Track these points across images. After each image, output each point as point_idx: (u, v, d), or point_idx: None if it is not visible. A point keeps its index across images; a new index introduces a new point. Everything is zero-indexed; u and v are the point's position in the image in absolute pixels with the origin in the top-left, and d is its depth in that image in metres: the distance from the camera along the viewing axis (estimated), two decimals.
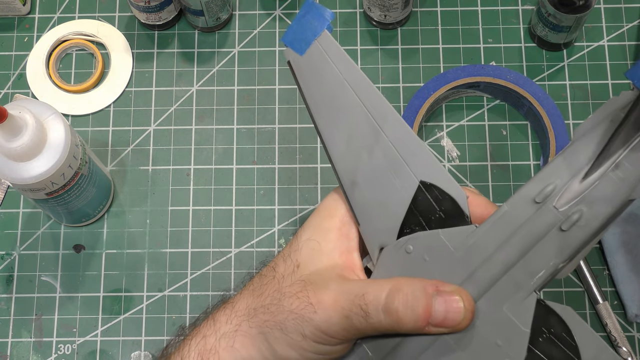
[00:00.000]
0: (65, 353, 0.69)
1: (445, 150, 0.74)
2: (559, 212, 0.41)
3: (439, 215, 0.44)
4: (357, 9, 0.79)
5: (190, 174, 0.74)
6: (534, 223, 0.41)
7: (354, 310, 0.42)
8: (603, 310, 0.68)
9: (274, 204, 0.73)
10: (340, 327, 0.42)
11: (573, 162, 0.41)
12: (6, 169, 0.59)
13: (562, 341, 0.40)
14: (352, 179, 0.46)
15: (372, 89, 0.46)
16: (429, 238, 0.44)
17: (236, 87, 0.77)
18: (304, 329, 0.43)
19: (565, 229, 0.40)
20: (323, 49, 0.46)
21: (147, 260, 0.72)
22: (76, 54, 0.78)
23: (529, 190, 0.42)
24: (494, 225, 0.42)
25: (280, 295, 0.44)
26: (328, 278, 0.44)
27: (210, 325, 0.46)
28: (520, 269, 0.41)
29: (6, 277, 0.71)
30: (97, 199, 0.70)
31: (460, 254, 0.43)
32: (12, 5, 0.77)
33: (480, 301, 0.42)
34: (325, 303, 0.42)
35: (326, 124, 0.47)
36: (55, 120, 0.61)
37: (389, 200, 0.45)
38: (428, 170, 0.44)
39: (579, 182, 0.40)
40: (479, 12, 0.78)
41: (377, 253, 0.46)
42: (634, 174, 0.40)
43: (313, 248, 0.46)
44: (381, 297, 0.41)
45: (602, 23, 0.77)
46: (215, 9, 0.75)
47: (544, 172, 0.42)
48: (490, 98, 0.75)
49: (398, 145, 0.45)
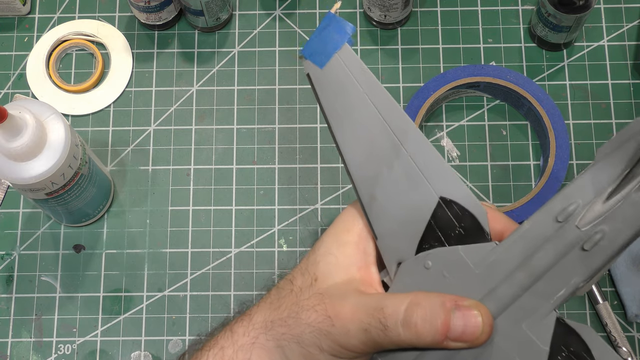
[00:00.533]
0: (65, 353, 0.69)
1: (445, 150, 0.74)
2: (581, 231, 0.41)
3: (459, 232, 0.44)
4: (357, 9, 0.79)
5: (190, 174, 0.74)
6: (555, 242, 0.41)
7: (372, 324, 0.42)
8: (603, 310, 0.68)
9: (274, 204, 0.73)
10: (358, 340, 0.42)
11: (597, 181, 0.41)
12: (6, 169, 0.59)
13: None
14: (371, 193, 0.46)
15: (393, 104, 0.45)
16: (448, 254, 0.44)
17: (236, 87, 0.77)
18: (321, 342, 0.43)
19: (587, 249, 0.40)
20: (344, 63, 0.46)
21: (147, 260, 0.72)
22: (76, 54, 0.78)
23: (551, 209, 0.42)
24: (515, 242, 0.42)
25: (298, 308, 0.44)
26: (346, 291, 0.44)
27: (228, 337, 0.46)
28: (540, 288, 0.41)
29: (6, 277, 0.71)
30: (97, 199, 0.70)
31: (480, 271, 0.43)
32: (12, 5, 0.77)
33: (499, 318, 0.42)
34: (343, 316, 0.43)
35: (345, 137, 0.47)
36: (55, 120, 0.61)
37: (408, 216, 0.45)
38: (448, 186, 0.44)
39: (602, 203, 0.40)
40: (479, 12, 0.78)
41: (395, 268, 0.46)
42: None
43: (330, 262, 0.46)
44: (400, 310, 0.41)
45: (602, 23, 0.77)
46: (215, 9, 0.75)
47: (566, 191, 0.42)
48: (490, 98, 0.75)
49: (418, 160, 0.45)
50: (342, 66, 0.46)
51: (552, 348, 0.40)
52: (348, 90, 0.46)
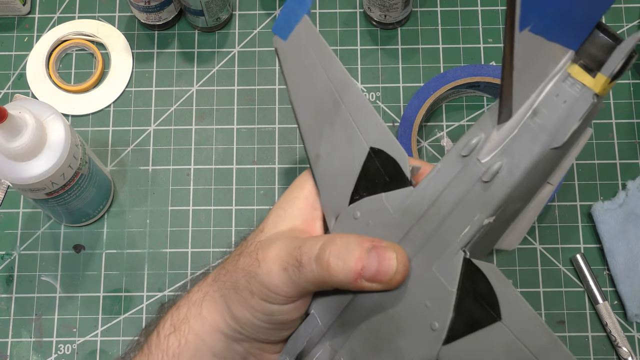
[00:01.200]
0: (65, 353, 0.69)
1: (445, 150, 0.74)
2: (482, 163, 0.39)
3: (384, 179, 0.43)
4: (357, 9, 0.79)
5: (190, 174, 0.74)
6: (460, 177, 0.40)
7: (290, 262, 0.42)
8: (603, 310, 0.68)
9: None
10: (279, 280, 0.42)
11: (496, 112, 0.40)
12: (6, 169, 0.59)
13: (485, 300, 0.39)
14: (316, 152, 0.47)
15: (337, 65, 0.46)
16: (373, 203, 0.43)
17: (236, 87, 0.77)
18: (251, 285, 0.43)
19: (487, 180, 0.39)
20: (302, 34, 0.47)
21: (147, 260, 0.72)
22: (76, 54, 0.78)
23: (458, 145, 0.41)
24: (427, 184, 0.41)
25: (239, 257, 0.45)
26: (281, 237, 0.44)
27: (184, 297, 0.47)
28: (448, 226, 0.40)
29: (6, 277, 0.71)
30: (97, 199, 0.70)
31: (398, 216, 0.42)
32: (12, 5, 0.77)
33: (412, 261, 0.41)
34: (268, 257, 0.43)
35: (300, 106, 0.48)
36: (55, 120, 0.61)
37: (345, 170, 0.45)
38: (377, 135, 0.44)
39: (496, 131, 0.39)
40: (479, 12, 0.78)
41: (334, 222, 0.46)
42: (551, 119, 0.38)
43: (278, 215, 0.46)
44: (315, 248, 0.41)
45: None
46: (215, 9, 0.75)
47: (472, 127, 0.41)
48: (490, 98, 0.75)
49: (355, 115, 0.45)
50: (301, 37, 0.47)
51: (461, 290, 0.40)
52: (303, 58, 0.47)
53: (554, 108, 0.38)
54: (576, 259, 0.69)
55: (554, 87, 0.38)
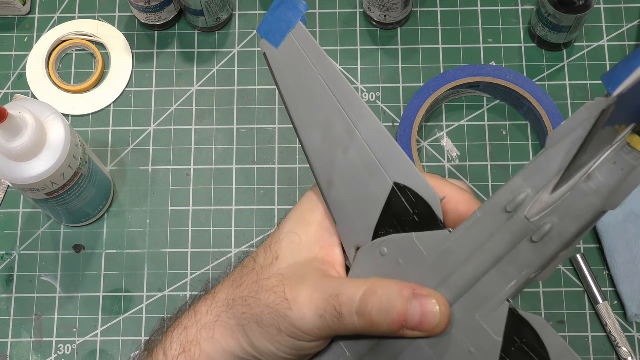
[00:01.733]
0: (65, 353, 0.69)
1: (445, 150, 0.74)
2: (530, 222, 0.40)
3: (413, 219, 0.43)
4: (357, 9, 0.79)
5: (190, 174, 0.74)
6: (505, 232, 0.41)
7: (328, 310, 0.41)
8: (603, 310, 0.68)
9: (274, 204, 0.73)
10: (313, 325, 0.42)
11: (545, 170, 0.40)
12: (6, 169, 0.59)
13: (534, 352, 0.39)
14: (328, 177, 0.46)
15: (347, 86, 0.45)
16: (402, 241, 0.43)
17: (236, 87, 0.77)
18: (279, 324, 0.43)
19: (536, 240, 0.40)
20: (298, 43, 0.45)
21: (147, 260, 0.72)
22: (76, 54, 0.78)
23: (501, 198, 0.41)
24: (467, 232, 0.41)
25: (258, 287, 0.44)
26: (306, 272, 0.44)
27: (192, 317, 0.46)
28: (493, 278, 0.41)
29: (6, 277, 0.71)
30: (97, 199, 0.70)
31: (434, 259, 0.42)
32: (12, 5, 0.77)
33: (453, 307, 0.42)
34: (301, 300, 0.42)
35: (302, 120, 0.46)
36: (55, 120, 0.61)
37: (365, 201, 0.45)
38: (402, 172, 0.44)
39: (549, 194, 0.40)
40: (479, 12, 0.78)
41: (354, 252, 0.45)
42: (606, 186, 0.39)
43: (293, 241, 0.45)
44: (355, 299, 0.41)
45: (602, 23, 0.77)
46: (215, 9, 0.75)
47: (516, 180, 0.41)
48: (490, 98, 0.75)
49: (372, 145, 0.44)
50: (296, 46, 0.45)
51: (506, 339, 0.40)
52: (303, 71, 0.46)
53: (610, 174, 0.39)
54: (576, 259, 0.69)
55: (612, 154, 0.39)
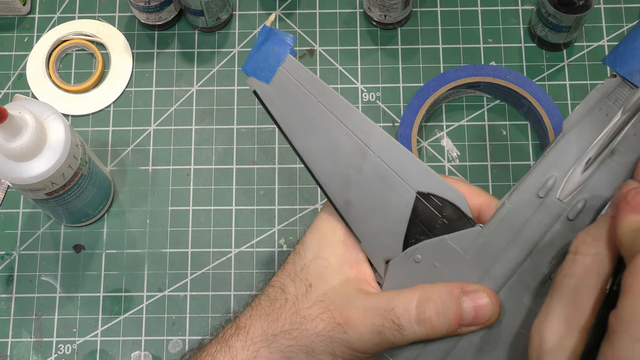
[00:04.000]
0: (65, 353, 0.69)
1: (445, 150, 0.74)
2: (563, 203, 0.42)
3: (442, 222, 0.44)
4: (357, 9, 0.79)
5: (190, 174, 0.74)
6: (540, 216, 0.43)
7: (386, 325, 0.42)
8: None
9: (274, 204, 0.73)
10: (372, 342, 0.43)
11: (569, 153, 0.43)
12: (6, 169, 0.59)
13: None
14: (345, 198, 0.46)
15: (349, 107, 0.46)
16: (436, 245, 0.44)
17: (236, 87, 0.77)
18: (334, 349, 0.43)
19: (572, 218, 0.42)
20: (291, 74, 0.46)
21: (147, 260, 0.72)
22: (76, 54, 0.78)
23: (529, 186, 0.43)
24: (501, 223, 0.43)
25: (300, 318, 0.44)
26: (348, 294, 0.44)
27: (225, 352, 0.46)
28: (535, 260, 0.42)
29: (6, 277, 0.71)
30: (97, 199, 0.70)
31: (471, 256, 0.43)
32: (12, 5, 0.77)
33: (499, 296, 0.43)
34: (355, 322, 0.43)
35: (307, 149, 0.46)
36: (55, 120, 0.61)
37: (389, 215, 0.45)
38: (422, 180, 0.45)
39: (580, 173, 0.42)
40: (479, 12, 0.78)
41: (384, 266, 0.46)
42: (630, 156, 0.41)
43: (322, 265, 0.45)
44: (411, 308, 0.42)
45: (602, 23, 0.77)
46: (215, 9, 0.75)
47: (541, 166, 0.43)
48: (490, 98, 0.75)
49: (386, 159, 0.45)
50: (290, 78, 0.46)
51: None
52: (301, 101, 0.46)
53: (632, 146, 0.42)
54: None
55: (631, 128, 0.42)
